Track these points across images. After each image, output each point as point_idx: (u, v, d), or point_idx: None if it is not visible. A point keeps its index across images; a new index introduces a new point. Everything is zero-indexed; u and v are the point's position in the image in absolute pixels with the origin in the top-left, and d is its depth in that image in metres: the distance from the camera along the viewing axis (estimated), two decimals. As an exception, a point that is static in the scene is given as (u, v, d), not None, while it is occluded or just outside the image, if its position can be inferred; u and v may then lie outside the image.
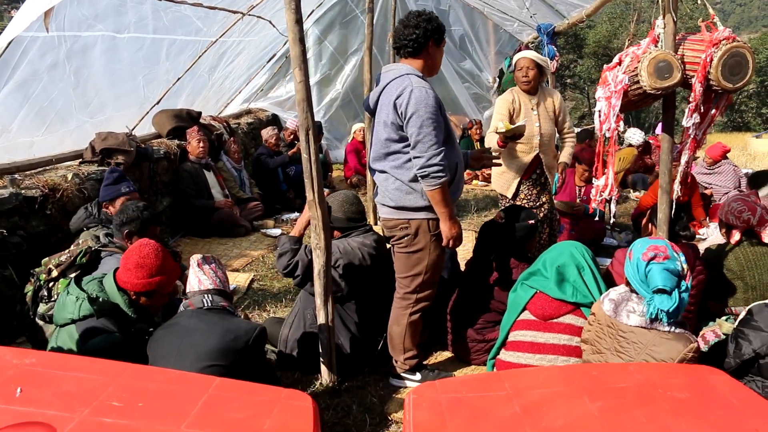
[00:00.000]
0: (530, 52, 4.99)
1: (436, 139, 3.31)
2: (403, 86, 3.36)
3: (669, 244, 2.89)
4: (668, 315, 2.73)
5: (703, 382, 1.98)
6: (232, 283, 5.56)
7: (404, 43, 3.51)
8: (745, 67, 3.26)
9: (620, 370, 2.13)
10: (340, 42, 11.24)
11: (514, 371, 2.06)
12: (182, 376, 2.18)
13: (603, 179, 3.59)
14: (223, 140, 8.28)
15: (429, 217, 3.49)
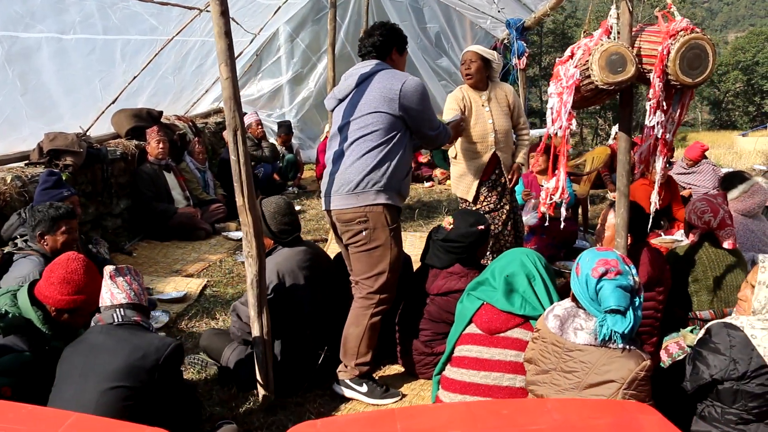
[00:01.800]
0: (475, 46, 4.77)
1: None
2: (403, 78, 3.54)
3: (620, 257, 2.63)
4: (622, 336, 2.49)
5: (631, 424, 1.73)
6: (184, 290, 5.33)
7: (369, 49, 3.68)
8: (705, 60, 3.01)
9: (536, 408, 1.88)
10: (313, 40, 11.02)
11: (412, 409, 1.81)
12: (35, 411, 1.92)
13: (553, 181, 3.34)
14: (186, 140, 8.03)
15: (387, 203, 3.46)
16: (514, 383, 3.03)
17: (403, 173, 3.58)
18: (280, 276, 3.67)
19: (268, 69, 11.13)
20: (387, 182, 3.46)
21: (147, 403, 2.67)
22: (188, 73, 8.65)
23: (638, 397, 2.43)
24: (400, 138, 3.53)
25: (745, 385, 2.60)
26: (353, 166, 3.48)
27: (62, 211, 3.89)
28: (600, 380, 2.48)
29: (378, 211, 3.46)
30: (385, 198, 3.47)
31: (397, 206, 3.58)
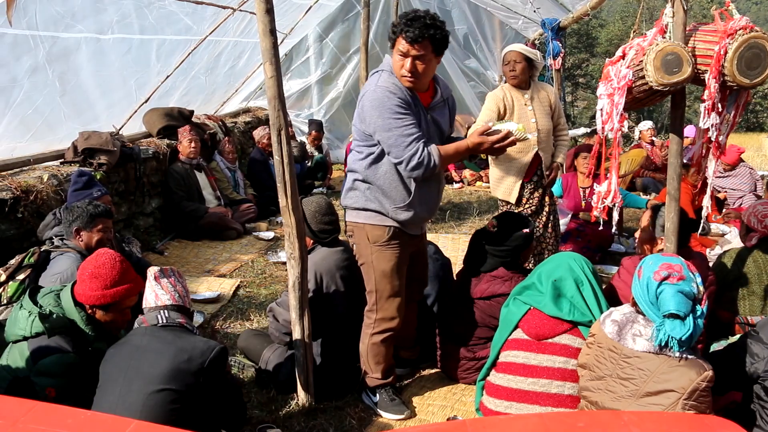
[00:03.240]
0: (518, 45, 4.69)
1: (409, 138, 3.04)
2: (366, 88, 3.18)
3: (685, 263, 2.56)
4: (680, 343, 2.41)
5: (712, 438, 1.66)
6: (217, 290, 5.32)
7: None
8: (764, 60, 2.92)
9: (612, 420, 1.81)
10: (342, 40, 10.97)
11: (484, 420, 1.74)
12: (94, 417, 1.88)
13: (605, 184, 3.25)
14: (217, 140, 8.03)
15: (366, 222, 3.30)
16: (563, 390, 2.95)
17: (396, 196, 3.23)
18: (318, 275, 3.63)
19: (297, 69, 11.11)
20: (367, 202, 3.29)
21: (192, 407, 2.64)
22: (221, 73, 8.65)
23: (699, 408, 2.35)
24: (379, 155, 3.21)
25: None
26: (346, 178, 3.42)
27: (101, 209, 3.90)
28: (659, 389, 2.41)
29: (360, 227, 3.34)
30: (365, 218, 3.31)
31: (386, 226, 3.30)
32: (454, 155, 3.19)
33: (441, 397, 3.68)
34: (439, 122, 3.31)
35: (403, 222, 3.28)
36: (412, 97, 3.15)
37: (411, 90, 3.14)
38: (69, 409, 1.98)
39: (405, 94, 3.10)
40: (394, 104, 3.03)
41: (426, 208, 3.34)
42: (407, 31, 3.01)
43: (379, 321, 3.41)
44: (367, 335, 3.47)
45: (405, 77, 3.10)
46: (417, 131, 3.07)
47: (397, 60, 3.10)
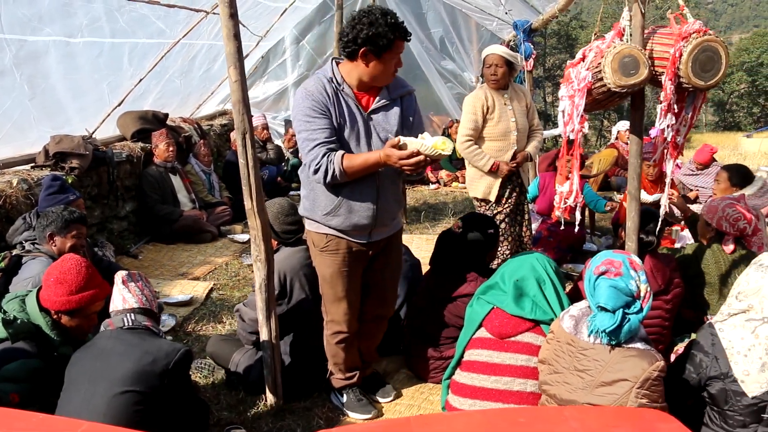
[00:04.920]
0: (498, 48, 4.72)
1: (312, 142, 3.03)
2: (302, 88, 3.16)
3: (628, 261, 2.64)
4: (608, 335, 2.52)
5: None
6: (190, 293, 5.32)
7: (339, 41, 3.12)
8: (717, 62, 2.99)
9: (554, 416, 1.86)
10: (319, 42, 10.98)
11: (428, 417, 1.78)
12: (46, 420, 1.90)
13: (567, 185, 3.31)
14: (192, 142, 8.02)
15: (310, 229, 3.33)
16: (525, 387, 3.00)
17: (325, 204, 3.18)
18: (282, 274, 3.67)
19: (274, 71, 11.12)
20: (305, 210, 3.32)
21: (156, 409, 2.65)
22: (196, 76, 8.64)
23: (651, 397, 2.44)
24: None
25: (732, 383, 2.60)
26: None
27: (76, 215, 3.89)
28: (613, 379, 2.48)
29: (308, 232, 3.39)
30: (308, 224, 3.35)
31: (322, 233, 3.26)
32: (361, 165, 3.04)
33: (409, 397, 3.72)
34: (382, 124, 3.18)
35: (336, 229, 3.22)
36: (343, 99, 3.11)
37: (344, 93, 3.11)
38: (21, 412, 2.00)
39: (327, 97, 3.05)
40: (306, 106, 3.03)
41: (360, 216, 3.18)
42: (405, 32, 3.04)
43: (329, 323, 3.45)
44: (324, 335, 3.52)
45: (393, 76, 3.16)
46: (323, 137, 3.02)
47: (387, 66, 3.06)
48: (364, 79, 3.11)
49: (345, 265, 3.30)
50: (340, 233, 3.23)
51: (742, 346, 2.62)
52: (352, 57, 3.05)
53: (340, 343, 3.45)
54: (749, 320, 2.64)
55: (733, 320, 2.70)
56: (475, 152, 4.65)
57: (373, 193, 3.19)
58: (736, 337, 2.64)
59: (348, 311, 3.38)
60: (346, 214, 3.16)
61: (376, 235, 3.31)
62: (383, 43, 2.96)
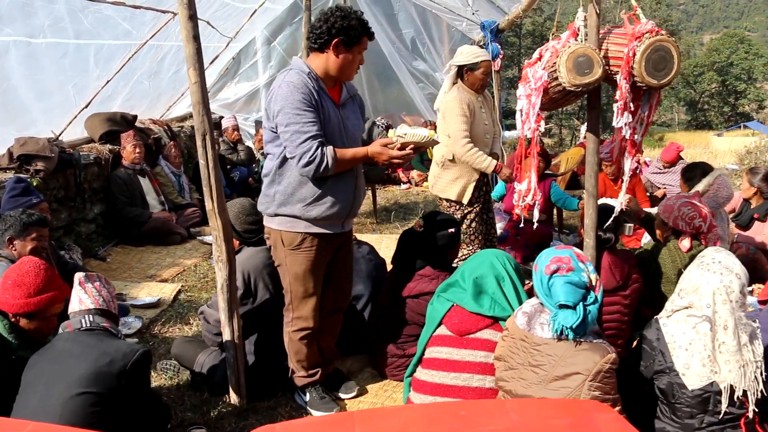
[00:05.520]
0: (488, 54, 4.77)
1: (305, 135, 3.07)
2: (273, 86, 3.20)
3: (574, 254, 2.69)
4: (573, 330, 2.54)
5: (586, 423, 1.75)
6: (157, 295, 5.29)
7: (309, 35, 3.24)
8: (669, 62, 3.05)
9: (495, 409, 1.90)
10: (290, 43, 10.96)
11: (371, 411, 1.81)
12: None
13: (525, 183, 3.36)
14: (162, 144, 7.98)
15: (281, 228, 3.32)
16: (484, 384, 3.04)
17: (305, 195, 3.23)
18: (245, 274, 3.68)
19: (245, 72, 11.08)
20: (278, 207, 3.29)
21: (114, 410, 2.64)
22: (165, 78, 8.58)
23: (603, 389, 2.49)
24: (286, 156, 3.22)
25: (676, 377, 2.70)
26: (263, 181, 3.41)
27: (35, 218, 3.85)
28: (566, 372, 2.52)
29: (275, 232, 3.37)
30: (277, 224, 3.33)
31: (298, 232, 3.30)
32: (350, 160, 3.22)
33: (372, 395, 3.74)
34: (350, 118, 3.36)
35: (316, 220, 3.27)
36: (323, 95, 3.20)
37: (321, 88, 3.20)
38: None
39: (312, 91, 3.13)
40: (297, 99, 3.07)
41: (341, 205, 3.30)
42: (369, 29, 3.22)
43: (295, 320, 3.47)
44: (287, 333, 3.53)
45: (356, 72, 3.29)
46: (314, 130, 3.09)
47: (354, 59, 3.23)
48: (331, 73, 3.23)
49: (317, 261, 3.36)
50: (315, 226, 3.28)
51: (683, 340, 2.70)
52: (323, 48, 3.18)
53: (303, 339, 3.48)
54: (690, 316, 2.73)
55: (676, 316, 2.78)
56: (477, 153, 4.57)
57: (352, 182, 3.35)
58: (678, 331, 2.73)
59: (315, 307, 3.45)
60: (329, 203, 3.25)
61: (347, 225, 3.47)
62: (355, 35, 3.15)
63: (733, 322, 2.65)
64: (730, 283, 2.68)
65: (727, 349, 2.65)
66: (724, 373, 2.65)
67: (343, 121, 3.30)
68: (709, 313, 2.68)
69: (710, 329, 2.66)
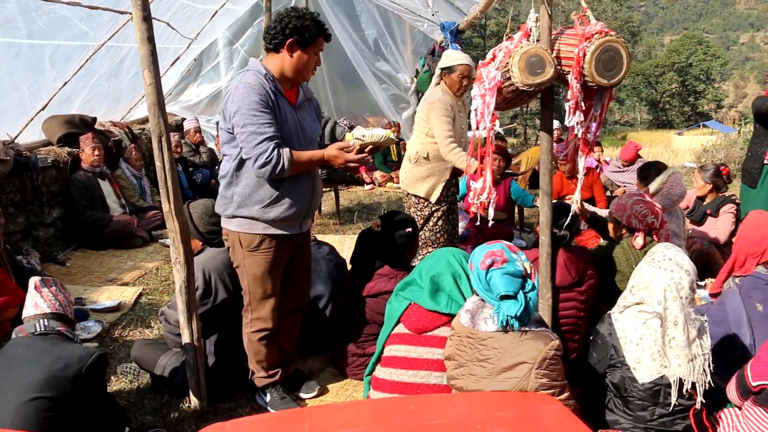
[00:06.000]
0: (467, 57, 4.74)
1: (261, 136, 3.08)
2: (230, 87, 3.20)
3: (506, 247, 2.77)
4: (518, 319, 2.60)
5: (532, 415, 1.80)
6: (118, 299, 5.24)
7: (264, 35, 3.26)
8: (619, 62, 3.11)
9: (442, 403, 1.93)
10: (252, 45, 10.93)
11: (321, 408, 1.84)
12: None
13: (481, 182, 3.41)
14: (122, 147, 7.90)
15: (239, 230, 3.31)
16: (442, 380, 3.07)
17: (263, 196, 3.24)
18: (206, 273, 3.67)
19: (207, 74, 11.02)
20: (236, 209, 3.28)
21: (69, 415, 2.62)
22: (125, 80, 8.49)
23: (550, 376, 2.55)
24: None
25: (627, 371, 2.78)
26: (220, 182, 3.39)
27: None
28: (513, 363, 2.57)
29: (233, 233, 3.35)
30: (235, 226, 3.31)
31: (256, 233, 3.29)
32: (306, 162, 3.25)
33: (333, 394, 3.75)
34: (307, 120, 3.38)
35: (275, 221, 3.28)
36: (279, 97, 3.21)
37: (278, 89, 3.20)
38: None
39: (269, 92, 3.13)
40: (253, 101, 3.07)
41: (299, 206, 3.32)
42: (327, 31, 3.25)
43: (254, 321, 3.46)
44: (246, 334, 3.52)
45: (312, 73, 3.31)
46: (271, 131, 3.10)
47: (310, 59, 3.23)
48: (287, 73, 3.24)
49: (276, 262, 3.37)
50: (273, 227, 3.28)
51: (634, 335, 2.78)
52: (278, 48, 3.20)
53: (263, 339, 3.48)
54: (641, 312, 2.81)
55: (627, 311, 2.87)
56: (460, 153, 4.52)
57: (310, 183, 3.37)
58: (630, 327, 2.81)
59: (274, 307, 3.45)
60: (287, 204, 3.26)
61: (305, 226, 3.47)
62: (309, 35, 3.15)
63: (683, 318, 2.73)
64: (680, 279, 2.76)
65: (677, 344, 2.74)
66: (674, 367, 2.74)
67: (300, 123, 3.32)
68: (659, 309, 2.76)
69: (661, 325, 2.74)
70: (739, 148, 12.37)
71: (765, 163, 6.08)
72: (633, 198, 3.99)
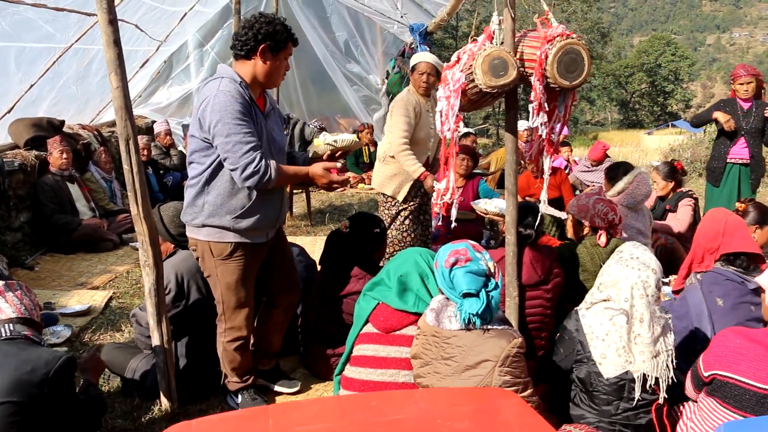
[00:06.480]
0: (429, 55, 4.83)
1: (247, 145, 3.07)
2: (206, 95, 3.12)
3: (470, 246, 2.82)
4: (480, 317, 2.65)
5: (490, 409, 1.85)
6: (88, 302, 5.21)
7: (234, 43, 3.23)
8: (580, 64, 3.17)
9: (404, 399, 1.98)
10: (223, 47, 10.92)
11: (285, 405, 1.87)
12: None
13: (444, 182, 3.46)
14: (92, 150, 7.84)
15: (210, 239, 3.28)
16: (410, 379, 3.10)
17: (235, 206, 3.22)
18: (179, 276, 3.68)
19: (177, 76, 10.98)
20: (206, 218, 3.23)
21: (36, 420, 2.62)
22: (93, 82, 8.43)
23: (513, 373, 2.61)
24: (218, 166, 3.18)
25: (593, 366, 2.86)
26: (185, 194, 3.34)
27: None
28: (476, 361, 2.62)
29: (203, 243, 3.30)
30: (205, 235, 3.27)
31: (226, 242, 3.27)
32: (291, 176, 3.32)
33: (304, 394, 3.78)
34: (275, 129, 3.39)
35: (245, 231, 3.27)
36: (253, 105, 3.21)
37: (251, 97, 3.20)
38: None
39: (247, 101, 3.13)
40: (236, 110, 3.05)
41: (270, 217, 3.34)
42: (293, 34, 3.26)
43: (228, 330, 3.45)
44: (221, 343, 3.51)
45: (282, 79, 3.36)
46: (256, 140, 3.10)
47: (281, 64, 3.27)
48: (260, 79, 3.24)
49: (248, 270, 3.36)
50: (243, 237, 3.27)
51: (600, 331, 2.85)
52: (250, 55, 3.18)
53: (238, 348, 3.48)
54: (608, 308, 2.89)
55: (594, 308, 2.94)
56: (409, 156, 4.60)
57: (280, 195, 3.42)
58: (596, 323, 2.88)
59: (249, 315, 3.45)
60: (258, 215, 3.26)
61: (271, 233, 3.47)
62: (280, 39, 3.17)
63: (648, 316, 2.82)
64: (647, 278, 2.84)
65: (642, 340, 2.82)
66: (638, 363, 2.82)
67: (270, 133, 3.31)
68: (626, 306, 2.83)
69: (627, 322, 2.82)
70: (705, 147, 12.60)
71: (728, 162, 6.24)
72: (593, 197, 4.07)
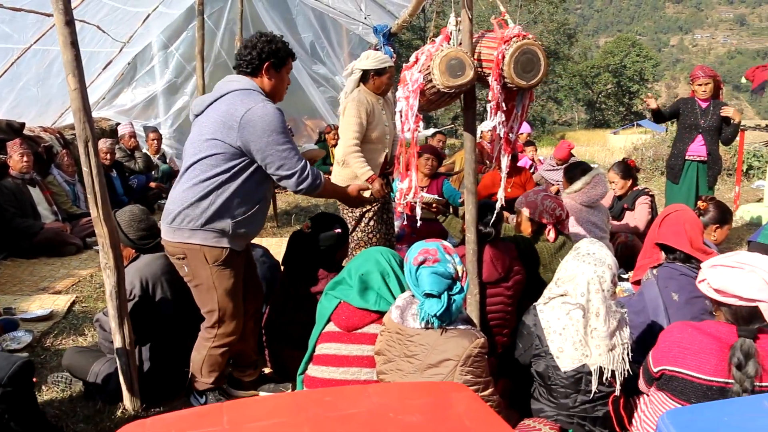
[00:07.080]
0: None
1: (299, 154, 3.31)
2: (248, 105, 3.19)
3: (441, 247, 2.84)
4: (438, 318, 2.68)
5: (442, 402, 1.89)
6: (50, 307, 5.16)
7: (239, 62, 3.36)
8: (537, 64, 3.23)
9: (357, 394, 2.01)
10: (187, 49, 10.84)
11: (239, 402, 1.89)
12: None
13: (407, 182, 3.50)
14: (54, 153, 7.75)
15: (205, 244, 3.28)
16: (372, 376, 3.13)
17: (238, 212, 3.29)
18: (143, 280, 3.66)
19: (142, 78, 10.88)
20: (206, 221, 3.24)
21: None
22: (54, 84, 8.33)
23: (474, 372, 2.65)
24: (237, 172, 3.24)
25: (551, 360, 2.93)
26: (178, 196, 3.30)
27: None
28: (439, 360, 2.66)
29: (195, 249, 3.28)
30: (201, 239, 3.26)
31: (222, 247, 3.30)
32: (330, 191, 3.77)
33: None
34: None
35: (236, 237, 3.33)
36: None
37: None
38: None
39: None
40: (282, 121, 3.25)
41: (258, 226, 3.47)
42: (292, 51, 3.46)
43: (220, 336, 3.45)
44: (205, 347, 3.49)
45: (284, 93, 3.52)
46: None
47: (284, 80, 3.46)
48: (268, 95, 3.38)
49: (238, 275, 3.43)
50: (231, 243, 3.32)
51: (558, 325, 2.91)
52: (256, 73, 3.34)
53: (224, 353, 3.53)
54: (565, 303, 2.95)
55: (552, 303, 3.00)
56: (359, 159, 4.60)
57: (269, 201, 3.57)
58: (553, 317, 2.94)
59: (242, 320, 3.52)
60: (255, 222, 3.42)
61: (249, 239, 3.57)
62: (282, 56, 3.36)
63: (604, 310, 2.88)
64: (603, 273, 2.91)
65: (598, 334, 2.88)
66: (595, 356, 2.88)
67: None
68: (582, 301, 2.90)
69: (583, 316, 2.88)
70: (667, 146, 12.81)
71: (686, 159, 6.38)
72: (540, 194, 4.16)
